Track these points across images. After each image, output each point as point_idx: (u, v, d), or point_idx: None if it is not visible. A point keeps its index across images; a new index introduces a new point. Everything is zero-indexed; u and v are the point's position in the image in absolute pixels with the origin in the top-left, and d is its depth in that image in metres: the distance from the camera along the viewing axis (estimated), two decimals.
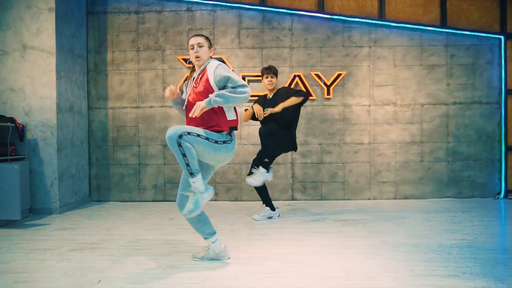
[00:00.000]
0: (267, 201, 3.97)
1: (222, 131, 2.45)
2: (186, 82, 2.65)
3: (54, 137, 4.38)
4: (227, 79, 2.38)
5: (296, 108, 3.85)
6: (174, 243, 3.13)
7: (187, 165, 2.28)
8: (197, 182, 2.31)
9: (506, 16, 5.07)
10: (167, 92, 2.51)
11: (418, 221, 3.80)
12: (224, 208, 4.67)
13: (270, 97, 3.96)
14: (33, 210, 4.35)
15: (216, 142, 2.38)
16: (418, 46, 5.10)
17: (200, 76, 2.50)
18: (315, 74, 5.06)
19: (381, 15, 5.10)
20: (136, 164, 5.19)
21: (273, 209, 3.99)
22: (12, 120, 4.08)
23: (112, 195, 5.21)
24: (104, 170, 5.21)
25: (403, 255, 2.70)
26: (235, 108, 2.53)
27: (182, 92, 2.67)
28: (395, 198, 5.12)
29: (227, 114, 2.46)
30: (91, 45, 5.18)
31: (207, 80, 2.43)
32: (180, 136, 2.23)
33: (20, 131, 4.12)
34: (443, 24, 5.09)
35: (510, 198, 5.01)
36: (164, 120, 5.16)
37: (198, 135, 2.31)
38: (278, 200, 5.06)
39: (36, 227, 3.72)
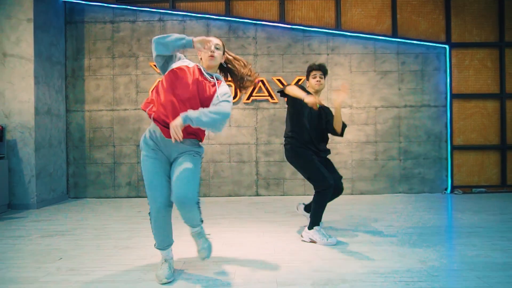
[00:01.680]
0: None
1: (198, 141, 2.31)
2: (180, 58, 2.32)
3: (32, 138, 4.73)
4: (217, 98, 2.20)
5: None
6: (135, 229, 3.50)
7: (200, 213, 2.24)
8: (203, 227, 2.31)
9: (450, 27, 5.55)
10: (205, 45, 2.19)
11: (361, 212, 4.23)
12: None
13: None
14: (11, 206, 4.69)
15: (200, 157, 2.32)
16: (372, 54, 5.56)
17: (210, 81, 2.25)
18: (277, 79, 5.49)
19: (338, 25, 5.55)
20: (111, 163, 5.56)
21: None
22: None
23: (88, 192, 5.56)
24: (81, 169, 5.56)
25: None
26: None
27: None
28: (351, 194, 5.55)
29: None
30: (69, 52, 5.55)
31: (214, 91, 2.22)
32: (198, 201, 2.17)
33: (0, 132, 4.47)
34: (395, 34, 5.56)
35: (456, 193, 5.47)
36: (137, 122, 5.54)
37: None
38: (243, 196, 5.46)
39: (12, 220, 4.07)
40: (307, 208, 3.53)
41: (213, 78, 2.28)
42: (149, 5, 5.57)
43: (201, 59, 2.34)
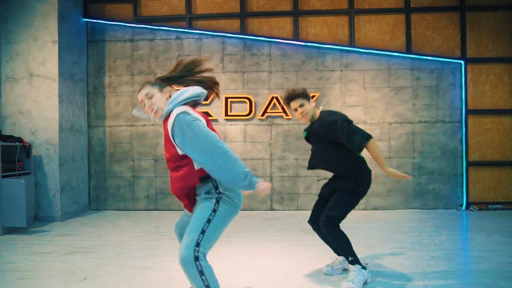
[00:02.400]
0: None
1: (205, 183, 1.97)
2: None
3: (56, 154, 4.98)
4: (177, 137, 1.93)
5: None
6: (154, 247, 3.66)
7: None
8: None
9: (465, 42, 5.54)
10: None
11: (375, 230, 4.28)
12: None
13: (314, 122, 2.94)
14: (38, 218, 4.93)
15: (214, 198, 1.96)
16: (385, 70, 5.60)
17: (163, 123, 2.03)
18: None
19: (352, 42, 5.61)
20: (131, 177, 5.76)
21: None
22: (20, 139, 4.68)
23: (109, 204, 5.78)
24: (102, 182, 5.78)
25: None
26: None
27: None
28: (365, 209, 5.58)
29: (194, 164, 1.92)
30: (90, 70, 5.79)
31: (167, 133, 1.96)
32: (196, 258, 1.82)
33: (26, 149, 4.72)
34: (409, 50, 5.57)
35: (471, 210, 5.44)
36: (155, 137, 5.73)
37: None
38: (257, 210, 5.58)
39: (39, 233, 4.29)
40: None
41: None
42: (166, 24, 5.76)
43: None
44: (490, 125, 5.56)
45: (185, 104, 1.95)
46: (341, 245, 2.67)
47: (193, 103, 2.02)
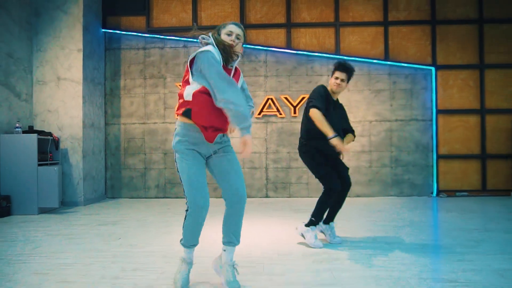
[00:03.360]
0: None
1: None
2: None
3: (80, 147, 5.73)
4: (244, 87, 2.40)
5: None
6: (170, 221, 4.42)
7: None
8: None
9: (436, 51, 6.38)
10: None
11: (357, 210, 5.07)
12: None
13: (335, 99, 3.55)
14: (64, 203, 5.67)
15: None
16: (366, 75, 6.42)
17: (232, 70, 2.28)
18: (284, 97, 6.38)
19: (337, 51, 6.43)
20: (142, 168, 6.52)
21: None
22: (50, 134, 5.43)
23: (123, 193, 6.53)
24: (117, 173, 6.54)
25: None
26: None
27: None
28: (349, 196, 6.37)
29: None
30: (108, 74, 6.56)
31: (238, 80, 2.31)
32: None
33: (56, 142, 5.47)
34: (387, 58, 6.40)
35: (441, 197, 6.25)
36: (165, 133, 6.50)
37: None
38: (255, 197, 6.35)
39: (69, 213, 5.04)
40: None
41: (231, 65, 2.29)
42: (175, 34, 6.54)
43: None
44: (457, 123, 6.39)
45: None
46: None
47: None
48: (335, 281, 2.42)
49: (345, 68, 3.39)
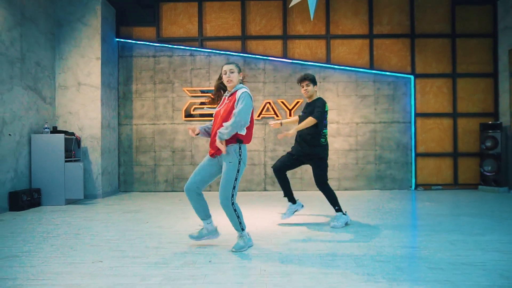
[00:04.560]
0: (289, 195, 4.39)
1: (231, 144, 3.00)
2: (215, 94, 3.27)
3: (99, 145, 6.39)
4: (237, 104, 2.95)
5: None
6: (185, 209, 5.13)
7: (240, 223, 3.09)
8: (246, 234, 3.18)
9: (415, 62, 7.21)
10: (190, 132, 3.13)
11: (345, 201, 5.84)
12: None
13: (309, 102, 4.27)
14: (85, 196, 6.32)
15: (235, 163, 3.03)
16: (354, 82, 7.21)
17: (230, 97, 3.05)
18: (281, 101, 7.14)
19: (328, 60, 7.21)
20: (153, 165, 7.20)
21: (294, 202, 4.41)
22: (73, 134, 6.08)
23: (135, 187, 7.20)
24: (129, 169, 7.21)
25: (304, 215, 4.74)
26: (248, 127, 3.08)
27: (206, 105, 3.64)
28: (338, 190, 7.16)
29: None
30: (121, 79, 7.22)
31: (234, 101, 2.96)
32: (233, 203, 3.04)
33: (78, 141, 6.12)
34: (372, 67, 7.21)
35: (419, 190, 7.09)
36: (173, 133, 7.19)
37: (236, 179, 3.04)
38: (254, 191, 7.09)
39: (92, 204, 5.71)
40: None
41: (231, 93, 3.11)
42: (182, 43, 7.23)
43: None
44: (433, 125, 7.23)
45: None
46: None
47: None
48: (325, 247, 3.19)
49: (302, 79, 4.21)
